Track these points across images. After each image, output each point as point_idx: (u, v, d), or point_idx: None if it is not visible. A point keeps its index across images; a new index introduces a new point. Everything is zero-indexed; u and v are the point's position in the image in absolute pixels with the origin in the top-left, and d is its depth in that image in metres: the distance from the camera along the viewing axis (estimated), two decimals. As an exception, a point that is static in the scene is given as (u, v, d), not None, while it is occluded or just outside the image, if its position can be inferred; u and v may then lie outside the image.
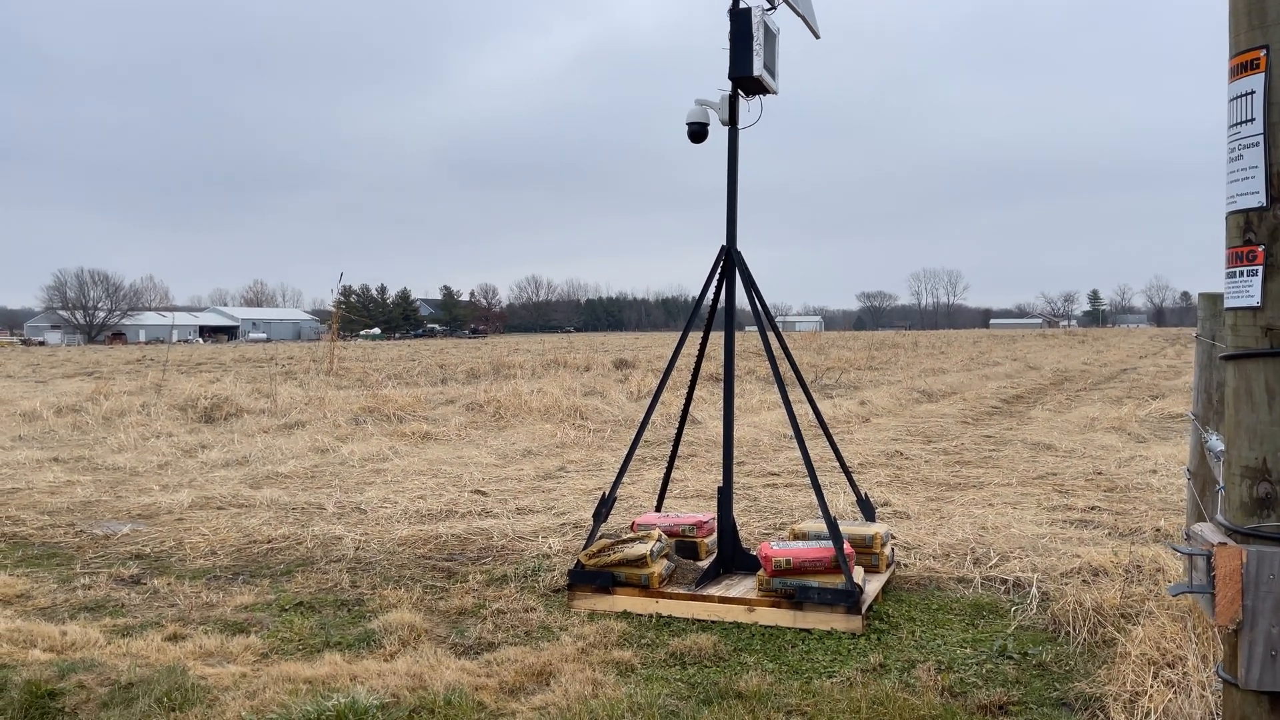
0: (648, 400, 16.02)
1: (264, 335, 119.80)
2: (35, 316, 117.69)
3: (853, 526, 5.09)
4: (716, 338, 5.47)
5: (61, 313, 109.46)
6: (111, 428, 12.72)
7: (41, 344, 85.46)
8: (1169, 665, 3.53)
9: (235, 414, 13.75)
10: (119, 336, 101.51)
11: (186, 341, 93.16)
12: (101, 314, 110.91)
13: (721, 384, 17.50)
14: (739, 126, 5.21)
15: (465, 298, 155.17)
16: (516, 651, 4.10)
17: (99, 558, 6.03)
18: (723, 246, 5.17)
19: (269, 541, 6.34)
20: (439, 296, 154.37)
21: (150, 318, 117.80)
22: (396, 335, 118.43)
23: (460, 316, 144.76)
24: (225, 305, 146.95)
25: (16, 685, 3.69)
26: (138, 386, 18.56)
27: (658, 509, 5.65)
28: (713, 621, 4.54)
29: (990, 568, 5.37)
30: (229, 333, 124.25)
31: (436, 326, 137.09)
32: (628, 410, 14.09)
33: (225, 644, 4.26)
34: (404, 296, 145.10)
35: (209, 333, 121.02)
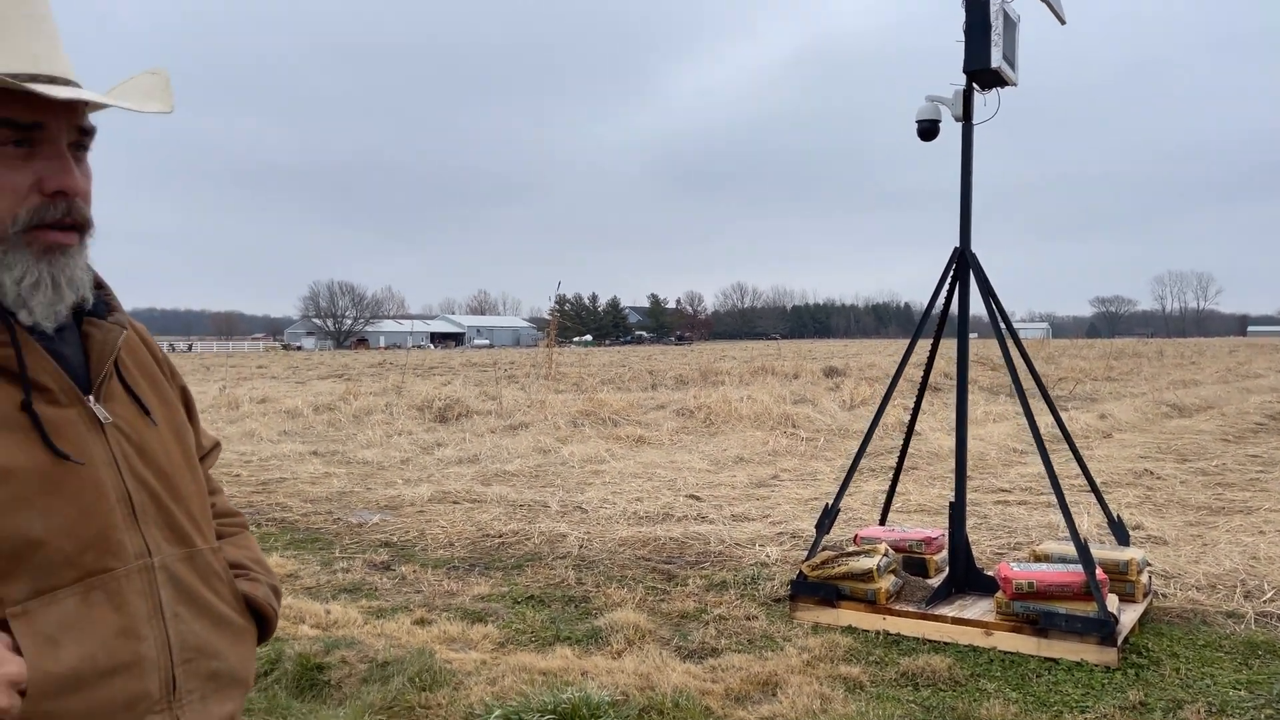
0: (861, 409, 15.60)
1: (487, 341, 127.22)
2: (293, 324, 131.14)
3: (1104, 550, 4.69)
4: (926, 344, 5.23)
5: (315, 320, 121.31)
6: (360, 425, 13.92)
7: (299, 349, 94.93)
8: None
9: (465, 415, 14.65)
10: (363, 342, 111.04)
11: (420, 347, 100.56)
12: (348, 321, 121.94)
13: (940, 394, 16.66)
14: (974, 122, 4.96)
15: (671, 305, 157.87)
16: (740, 659, 4.08)
17: (354, 544, 6.60)
18: (956, 248, 4.93)
19: (500, 536, 6.69)
20: (646, 304, 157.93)
21: (389, 325, 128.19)
22: (606, 342, 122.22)
23: (667, 323, 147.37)
24: (453, 313, 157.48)
25: (290, 658, 4.08)
26: (380, 388, 20.19)
27: (882, 522, 5.47)
28: (945, 643, 4.32)
29: (1265, 602, 4.79)
30: (456, 339, 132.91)
31: (644, 333, 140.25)
32: (840, 419, 13.77)
33: (466, 631, 4.52)
34: (613, 304, 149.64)
35: (439, 339, 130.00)
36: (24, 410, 1.07)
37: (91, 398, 1.15)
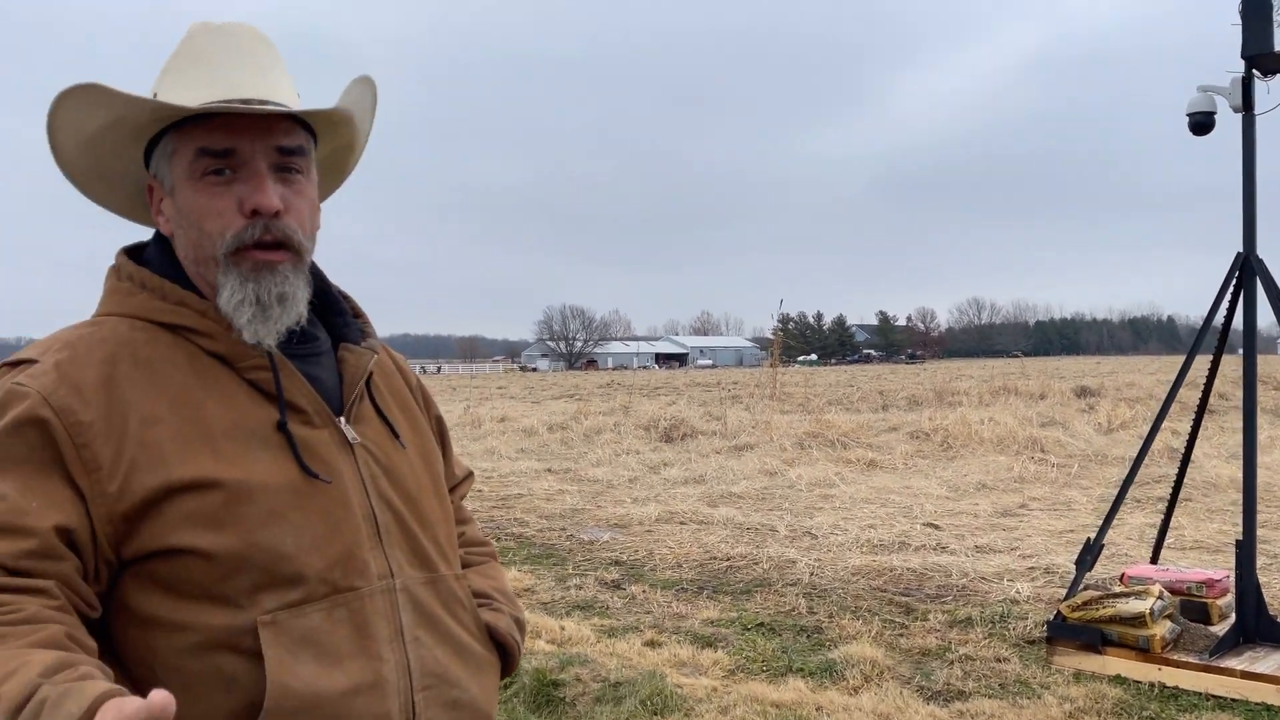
0: (1120, 433, 14.20)
1: (710, 362, 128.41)
2: (529, 346, 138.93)
3: None
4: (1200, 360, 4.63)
5: (549, 343, 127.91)
6: (590, 444, 14.39)
7: (534, 370, 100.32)
8: None
9: (690, 435, 14.77)
10: (592, 363, 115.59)
11: (645, 368, 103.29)
12: (578, 344, 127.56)
13: (1214, 416, 14.90)
14: (1255, 112, 4.41)
15: (901, 322, 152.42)
16: (991, 705, 3.77)
17: (586, 561, 6.77)
18: (1239, 253, 4.38)
19: (728, 559, 6.63)
20: (874, 322, 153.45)
21: (615, 346, 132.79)
22: (832, 361, 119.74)
23: (896, 342, 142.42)
24: (676, 334, 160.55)
25: (527, 672, 4.21)
26: (609, 408, 20.83)
27: (1153, 560, 4.90)
28: (1233, 700, 3.78)
29: None
30: (680, 359, 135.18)
31: (872, 352, 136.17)
32: (1096, 444, 12.60)
33: (696, 656, 4.49)
34: (839, 323, 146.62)
35: (663, 359, 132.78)
36: (279, 430, 1.12)
37: (342, 419, 1.18)
